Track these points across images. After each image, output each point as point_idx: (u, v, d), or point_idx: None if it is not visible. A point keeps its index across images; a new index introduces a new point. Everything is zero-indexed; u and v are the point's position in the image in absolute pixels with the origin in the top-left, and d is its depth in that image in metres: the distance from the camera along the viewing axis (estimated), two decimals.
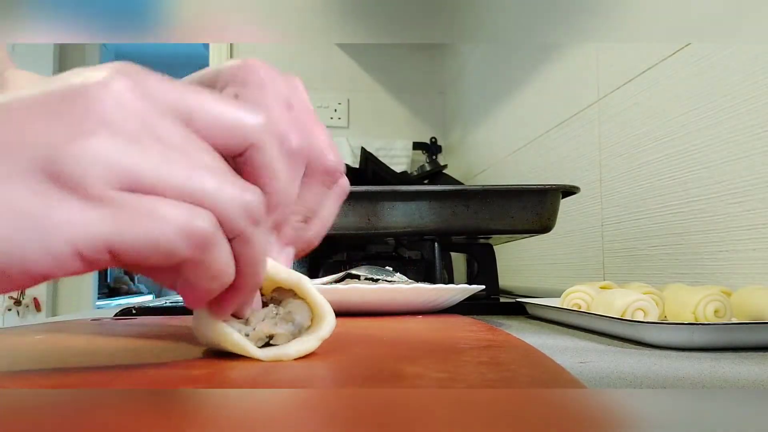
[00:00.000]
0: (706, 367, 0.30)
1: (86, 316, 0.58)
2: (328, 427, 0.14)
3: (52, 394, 0.18)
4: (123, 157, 0.20)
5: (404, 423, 0.14)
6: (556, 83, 1.11)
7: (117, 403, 0.16)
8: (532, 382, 0.21)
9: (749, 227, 0.60)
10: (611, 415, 0.15)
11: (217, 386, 0.20)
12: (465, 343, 0.31)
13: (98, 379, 0.21)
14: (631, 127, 0.83)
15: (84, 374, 0.22)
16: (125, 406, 0.16)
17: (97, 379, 0.21)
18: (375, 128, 2.00)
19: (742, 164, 0.61)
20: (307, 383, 0.22)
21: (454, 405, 0.16)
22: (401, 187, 0.68)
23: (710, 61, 0.66)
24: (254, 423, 0.14)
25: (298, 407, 0.16)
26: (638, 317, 0.41)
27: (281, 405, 0.16)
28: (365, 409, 0.16)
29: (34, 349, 0.31)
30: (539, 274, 1.19)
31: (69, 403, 0.16)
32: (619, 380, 0.26)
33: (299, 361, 0.26)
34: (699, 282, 0.67)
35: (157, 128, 0.21)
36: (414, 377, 0.21)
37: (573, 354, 0.34)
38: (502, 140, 1.43)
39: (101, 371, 0.23)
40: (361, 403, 0.16)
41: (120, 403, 0.16)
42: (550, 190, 0.69)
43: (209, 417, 0.15)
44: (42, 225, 0.19)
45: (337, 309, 0.51)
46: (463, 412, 0.15)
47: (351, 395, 0.17)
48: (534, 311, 0.57)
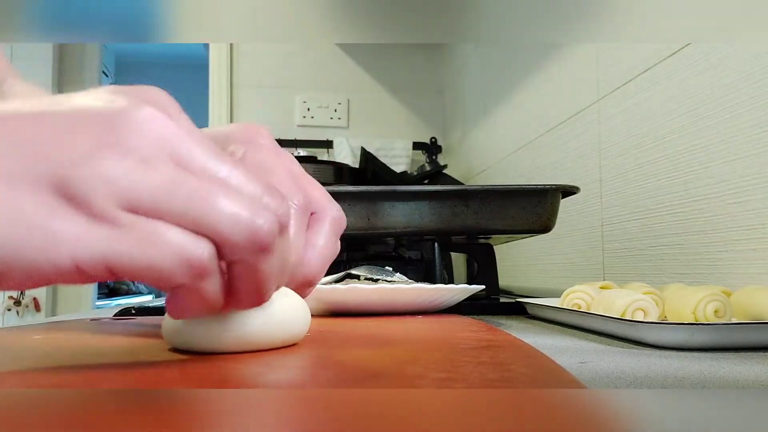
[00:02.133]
0: (706, 367, 0.30)
1: (86, 316, 0.58)
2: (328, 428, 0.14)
3: (51, 394, 0.18)
4: (130, 178, 0.20)
5: (404, 423, 0.14)
6: (556, 83, 1.11)
7: (116, 403, 0.16)
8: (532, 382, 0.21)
9: (749, 227, 0.60)
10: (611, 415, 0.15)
11: (215, 386, 0.20)
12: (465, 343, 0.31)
13: (97, 379, 0.21)
14: (631, 127, 0.83)
15: (83, 374, 0.22)
16: (124, 406, 0.16)
17: (96, 379, 0.21)
18: (375, 128, 2.00)
19: (742, 164, 0.61)
20: (307, 383, 0.22)
21: (454, 405, 0.16)
22: (401, 187, 0.68)
23: (710, 61, 0.66)
24: (253, 423, 0.14)
25: (298, 407, 0.16)
26: (638, 317, 0.41)
27: (281, 405, 0.16)
28: (365, 410, 0.16)
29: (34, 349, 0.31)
30: (539, 274, 1.19)
31: (68, 403, 0.16)
32: (619, 380, 0.26)
33: (299, 361, 0.26)
34: (699, 282, 0.67)
35: (176, 152, 0.21)
36: (414, 377, 0.21)
37: (573, 354, 0.34)
38: (502, 140, 1.43)
39: (100, 371, 0.23)
40: (361, 404, 0.16)
41: (119, 403, 0.16)
42: (550, 190, 0.68)
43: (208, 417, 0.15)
44: (46, 235, 0.19)
45: (337, 309, 0.51)
46: (463, 412, 0.15)
47: (351, 395, 0.17)
48: (534, 311, 0.57)
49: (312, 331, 0.33)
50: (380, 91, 2.03)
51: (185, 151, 0.22)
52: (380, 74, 2.03)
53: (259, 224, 0.21)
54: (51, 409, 0.16)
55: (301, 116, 1.95)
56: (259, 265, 0.22)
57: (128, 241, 0.20)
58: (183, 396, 0.17)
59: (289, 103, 1.95)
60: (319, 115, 1.97)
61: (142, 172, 0.20)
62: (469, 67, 1.75)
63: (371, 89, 2.02)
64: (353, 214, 0.66)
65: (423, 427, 0.14)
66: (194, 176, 0.21)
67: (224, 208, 0.21)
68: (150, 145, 0.21)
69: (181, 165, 0.21)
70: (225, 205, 0.21)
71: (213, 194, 0.21)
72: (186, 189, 0.21)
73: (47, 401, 0.17)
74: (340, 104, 1.99)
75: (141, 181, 0.20)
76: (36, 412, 0.16)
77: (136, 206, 0.20)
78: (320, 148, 1.90)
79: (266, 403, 0.16)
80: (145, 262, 0.20)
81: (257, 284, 0.23)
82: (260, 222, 0.21)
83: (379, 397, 0.17)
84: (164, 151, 0.21)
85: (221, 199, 0.21)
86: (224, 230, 0.21)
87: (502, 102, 1.42)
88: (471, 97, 1.74)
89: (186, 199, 0.21)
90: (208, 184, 0.21)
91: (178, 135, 0.22)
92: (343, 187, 0.89)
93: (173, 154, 0.21)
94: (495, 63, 1.50)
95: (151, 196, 0.20)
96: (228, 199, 0.21)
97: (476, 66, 1.68)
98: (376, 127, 2.01)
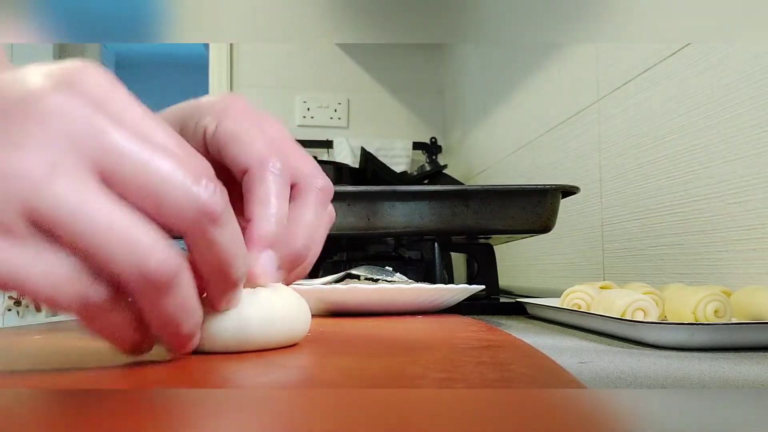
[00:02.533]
0: (706, 367, 0.30)
1: None
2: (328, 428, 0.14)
3: (51, 394, 0.18)
4: (31, 187, 0.18)
5: (404, 423, 0.14)
6: (556, 83, 1.11)
7: (116, 403, 0.16)
8: (532, 382, 0.21)
9: (749, 227, 0.60)
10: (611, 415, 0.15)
11: (215, 386, 0.20)
12: (465, 343, 0.31)
13: (97, 379, 0.21)
14: (631, 127, 0.83)
15: (83, 375, 0.22)
16: (124, 406, 0.16)
17: (95, 379, 0.21)
18: (375, 128, 2.00)
19: (742, 164, 0.61)
20: (307, 383, 0.22)
21: (454, 405, 0.16)
22: (401, 187, 0.68)
23: (710, 61, 0.66)
24: (253, 423, 0.14)
25: (298, 407, 0.16)
26: (638, 317, 0.41)
27: (280, 405, 0.16)
28: (365, 410, 0.16)
29: (34, 349, 0.31)
30: (539, 274, 1.19)
31: (68, 403, 0.16)
32: (619, 380, 0.26)
33: (299, 361, 0.26)
34: (699, 282, 0.67)
35: (91, 151, 0.19)
36: (414, 377, 0.21)
37: (573, 354, 0.34)
38: (502, 140, 1.43)
39: (100, 371, 0.23)
40: (360, 404, 0.16)
41: (119, 403, 0.16)
42: (550, 190, 0.68)
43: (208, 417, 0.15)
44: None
45: (337, 309, 0.51)
46: (463, 412, 0.15)
47: (351, 395, 0.17)
48: (534, 311, 0.57)
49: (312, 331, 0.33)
50: (380, 91, 2.03)
51: (101, 146, 0.19)
52: (380, 74, 2.03)
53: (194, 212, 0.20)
54: (51, 409, 0.16)
55: (301, 116, 1.95)
56: (211, 236, 0.21)
57: (23, 257, 0.18)
58: (183, 396, 0.17)
59: (289, 103, 1.95)
60: (319, 115, 1.97)
61: (45, 182, 0.18)
62: (469, 67, 1.75)
63: (371, 89, 2.02)
64: (353, 214, 0.66)
65: (423, 427, 0.14)
66: (104, 192, 0.19)
67: (136, 238, 0.19)
68: (58, 144, 0.18)
69: (99, 165, 0.19)
70: (139, 238, 0.19)
71: (122, 226, 0.19)
72: (90, 210, 0.18)
73: (47, 401, 0.17)
74: (340, 104, 1.99)
75: (42, 192, 0.18)
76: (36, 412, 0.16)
77: (37, 221, 0.18)
78: (320, 148, 1.90)
79: (266, 403, 0.16)
80: (31, 286, 0.18)
81: (217, 259, 0.22)
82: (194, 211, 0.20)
83: (379, 397, 0.17)
84: (76, 152, 0.18)
85: (135, 232, 0.19)
86: (124, 266, 0.19)
87: (502, 102, 1.42)
88: (471, 97, 1.74)
89: (89, 223, 0.18)
90: (118, 213, 0.19)
91: (94, 129, 0.19)
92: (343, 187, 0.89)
93: (88, 154, 0.19)
94: (495, 63, 1.50)
95: (52, 213, 0.18)
96: (143, 232, 0.19)
97: (476, 66, 1.68)
98: (376, 127, 2.00)
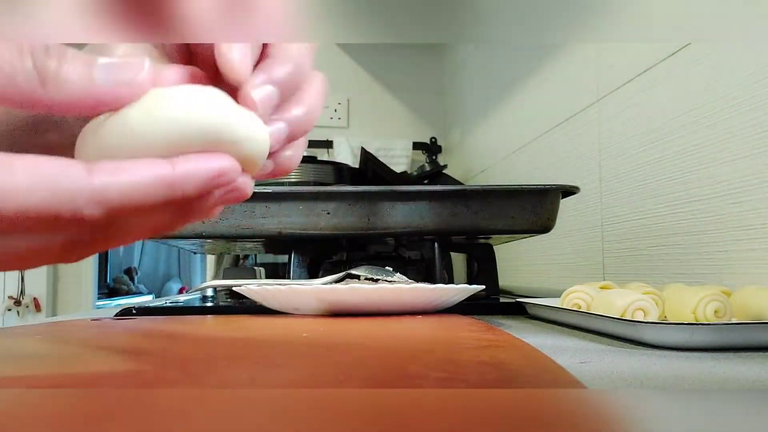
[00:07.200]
0: (706, 367, 0.30)
1: (86, 316, 0.58)
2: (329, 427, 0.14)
3: (51, 394, 0.18)
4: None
5: (404, 423, 0.14)
6: (556, 83, 1.11)
7: (116, 403, 0.16)
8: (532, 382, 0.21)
9: (749, 227, 0.60)
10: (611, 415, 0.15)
11: (215, 386, 0.20)
12: (465, 343, 0.31)
13: (97, 379, 0.21)
14: (631, 127, 0.83)
15: (83, 374, 0.22)
16: (124, 406, 0.16)
17: (96, 378, 0.21)
18: (375, 128, 2.00)
19: (742, 164, 0.61)
20: (307, 383, 0.22)
21: (454, 405, 0.16)
22: (401, 187, 0.68)
23: (710, 61, 0.66)
24: (253, 423, 0.14)
25: (298, 407, 0.16)
26: (638, 317, 0.41)
27: (281, 405, 0.16)
28: (365, 409, 0.16)
29: (34, 349, 0.31)
30: (539, 274, 1.19)
31: (68, 403, 0.16)
32: (619, 380, 0.26)
33: (298, 361, 0.26)
34: (699, 282, 0.67)
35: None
36: (414, 377, 0.21)
37: (573, 354, 0.34)
38: (502, 140, 1.43)
39: (100, 371, 0.23)
40: (361, 403, 0.16)
41: (119, 403, 0.16)
42: (550, 190, 0.68)
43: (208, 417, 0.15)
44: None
45: (337, 309, 0.51)
46: (463, 412, 0.15)
47: (351, 395, 0.17)
48: (534, 311, 0.57)
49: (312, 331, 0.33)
50: (380, 91, 2.03)
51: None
52: (380, 74, 2.03)
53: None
54: (51, 409, 0.16)
55: None
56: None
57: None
58: (183, 396, 0.17)
59: None
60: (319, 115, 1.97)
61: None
62: (469, 67, 1.75)
63: (371, 89, 2.02)
64: (353, 214, 0.66)
65: (423, 427, 0.14)
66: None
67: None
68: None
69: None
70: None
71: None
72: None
73: (47, 401, 0.17)
74: (340, 104, 1.99)
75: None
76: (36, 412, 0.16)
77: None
78: (320, 148, 1.90)
79: (266, 403, 0.16)
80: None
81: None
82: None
83: (379, 397, 0.17)
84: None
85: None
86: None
87: (502, 102, 1.42)
88: (471, 97, 1.74)
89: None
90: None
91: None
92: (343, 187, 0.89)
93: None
94: (495, 63, 1.50)
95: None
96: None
97: (476, 66, 1.68)
98: (376, 127, 2.00)
